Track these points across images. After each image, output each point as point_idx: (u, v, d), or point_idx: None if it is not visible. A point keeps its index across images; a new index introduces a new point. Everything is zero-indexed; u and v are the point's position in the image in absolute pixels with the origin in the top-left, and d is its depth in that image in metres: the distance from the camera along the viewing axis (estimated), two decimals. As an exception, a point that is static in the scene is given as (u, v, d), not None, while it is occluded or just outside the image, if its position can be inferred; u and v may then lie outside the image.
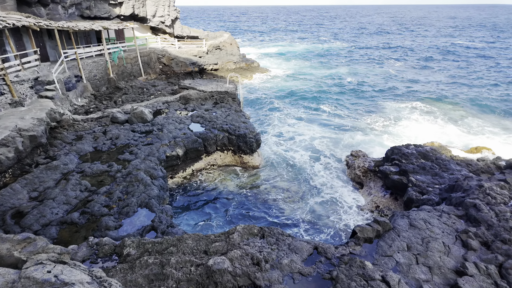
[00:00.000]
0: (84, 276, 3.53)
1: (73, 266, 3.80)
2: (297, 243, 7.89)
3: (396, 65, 54.43)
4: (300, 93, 37.03)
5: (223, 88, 26.26)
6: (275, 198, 16.48)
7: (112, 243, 7.80)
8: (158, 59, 33.79)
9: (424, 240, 8.39)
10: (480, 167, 16.84)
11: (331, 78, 44.55)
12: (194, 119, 20.53)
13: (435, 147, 19.03)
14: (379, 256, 7.96)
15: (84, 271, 3.73)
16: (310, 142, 23.56)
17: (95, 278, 3.68)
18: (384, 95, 36.44)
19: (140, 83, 27.94)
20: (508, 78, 43.17)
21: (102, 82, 25.56)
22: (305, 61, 57.07)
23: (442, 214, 9.55)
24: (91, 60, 24.95)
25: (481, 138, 24.85)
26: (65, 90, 20.32)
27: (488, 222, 8.81)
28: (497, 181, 10.95)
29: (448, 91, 37.18)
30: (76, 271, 3.55)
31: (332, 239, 13.39)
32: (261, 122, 27.65)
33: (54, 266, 3.59)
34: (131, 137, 17.61)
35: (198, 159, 18.47)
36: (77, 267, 3.81)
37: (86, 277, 3.53)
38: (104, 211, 11.83)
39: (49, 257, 3.92)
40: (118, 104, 22.85)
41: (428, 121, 28.39)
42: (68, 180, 13.40)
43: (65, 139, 16.70)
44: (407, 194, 14.93)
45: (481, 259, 7.81)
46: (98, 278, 3.74)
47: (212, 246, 7.31)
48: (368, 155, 21.26)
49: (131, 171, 14.31)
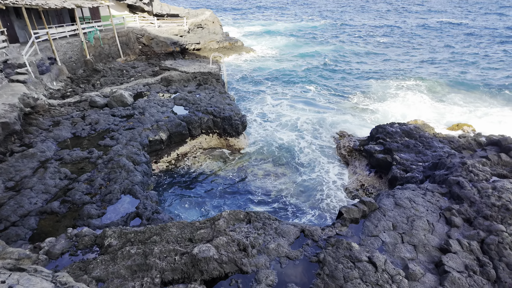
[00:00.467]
0: (45, 284, 3.23)
1: (33, 273, 3.49)
2: (284, 226, 7.82)
3: (382, 41, 54.21)
4: (285, 72, 36.50)
5: (206, 69, 25.51)
6: (262, 180, 16.40)
7: (92, 233, 7.53)
8: (137, 39, 32.38)
9: (409, 219, 8.47)
10: (462, 144, 17.15)
11: (316, 57, 44.00)
12: (177, 101, 19.92)
13: (419, 125, 19.21)
14: (365, 236, 8.00)
15: (46, 278, 3.44)
16: (295, 123, 23.40)
17: (59, 285, 3.39)
18: (369, 73, 36.34)
19: (119, 65, 26.80)
20: (490, 56, 43.70)
21: (79, 64, 24.35)
22: (290, 39, 56.00)
23: (427, 192, 9.65)
24: (65, 41, 23.60)
25: (462, 114, 25.26)
26: (38, 73, 19.24)
27: (471, 199, 8.95)
28: (479, 158, 11.11)
29: (432, 69, 37.40)
30: (35, 279, 3.26)
31: (318, 220, 13.49)
32: (246, 103, 27.20)
33: (10, 275, 3.26)
34: (112, 121, 16.97)
35: (183, 143, 18.06)
36: (38, 273, 3.51)
37: (48, 285, 3.24)
38: (86, 199, 11.47)
39: (4, 264, 3.59)
40: (96, 87, 21.90)
41: (413, 99, 28.56)
42: (46, 168, 12.86)
43: (41, 125, 15.94)
44: (392, 172, 15.10)
45: (464, 236, 7.96)
46: (63, 284, 3.46)
47: (197, 234, 7.14)
48: (354, 134, 21.33)
49: (113, 157, 13.84)
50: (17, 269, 3.60)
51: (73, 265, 6.53)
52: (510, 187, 9.05)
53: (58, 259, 7.01)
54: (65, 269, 6.44)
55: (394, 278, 6.50)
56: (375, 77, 35.03)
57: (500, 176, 10.10)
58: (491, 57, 42.29)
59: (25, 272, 3.45)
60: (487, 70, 36.84)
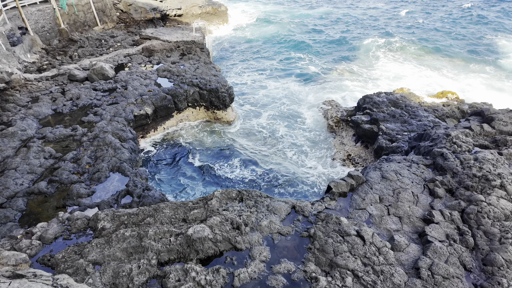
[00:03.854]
0: (47, 290, 3.24)
1: (33, 278, 3.47)
2: (275, 203, 8.01)
3: (374, 5, 52.81)
4: (270, 39, 35.51)
5: (190, 37, 24.51)
6: (252, 153, 16.48)
7: (85, 217, 7.51)
8: (114, 5, 30.43)
9: (395, 191, 8.79)
10: (446, 112, 17.53)
11: (304, 22, 42.72)
12: (161, 73, 19.25)
13: (405, 94, 19.39)
14: (353, 209, 8.30)
15: (46, 282, 3.42)
16: (282, 93, 23.19)
17: (61, 290, 3.41)
18: (359, 40, 35.73)
19: (97, 34, 25.36)
20: (476, 22, 43.46)
21: (53, 34, 22.88)
22: (277, 4, 53.79)
23: (412, 164, 9.95)
24: (35, 8, 21.92)
25: (446, 81, 25.55)
26: (10, 45, 18.03)
27: (453, 170, 9.31)
28: (462, 129, 11.41)
29: (419, 36, 37.06)
30: (36, 285, 3.23)
31: (309, 191, 13.84)
32: (231, 74, 26.57)
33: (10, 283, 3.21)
34: (94, 96, 16.37)
35: (169, 116, 17.73)
36: (37, 278, 3.48)
37: (49, 290, 3.25)
38: (73, 178, 11.31)
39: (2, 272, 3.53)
40: (74, 59, 20.81)
41: (400, 66, 28.55)
42: (29, 148, 12.48)
43: (18, 102, 15.24)
44: (378, 142, 15.41)
45: (446, 206, 8.37)
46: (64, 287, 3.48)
47: (191, 214, 7.24)
48: (341, 104, 21.39)
49: (98, 134, 13.52)
50: (16, 276, 3.56)
51: (68, 249, 6.56)
52: (490, 158, 9.42)
53: (52, 244, 7.02)
54: (60, 253, 6.48)
55: (381, 250, 6.87)
56: (365, 42, 34.46)
57: (482, 147, 10.46)
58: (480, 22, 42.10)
59: (25, 279, 3.42)
60: (472, 37, 36.79)
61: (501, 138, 10.57)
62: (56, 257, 6.37)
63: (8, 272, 3.68)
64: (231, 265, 6.58)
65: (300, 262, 6.77)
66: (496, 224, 7.54)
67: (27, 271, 3.79)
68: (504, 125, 11.25)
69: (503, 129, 11.18)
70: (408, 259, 6.95)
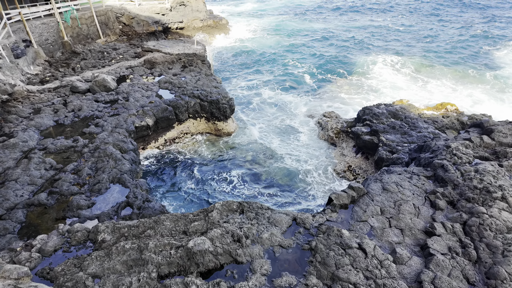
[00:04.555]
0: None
1: None
2: (276, 215, 7.98)
3: (375, 19, 53.62)
4: (270, 52, 35.93)
5: (191, 50, 24.83)
6: (252, 164, 16.48)
7: (85, 229, 7.48)
8: (117, 19, 30.93)
9: (396, 203, 8.77)
10: (445, 124, 17.60)
11: (303, 35, 43.30)
12: (162, 85, 19.44)
13: (405, 106, 19.51)
14: (355, 221, 8.26)
15: None
16: (282, 105, 23.34)
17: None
18: (358, 52, 36.16)
19: (100, 47, 25.69)
20: (475, 35, 44.06)
21: (56, 46, 23.19)
22: (276, 18, 54.63)
23: (413, 176, 9.95)
24: (39, 21, 22.31)
25: (445, 93, 25.72)
26: (14, 57, 18.27)
27: (454, 182, 9.30)
28: (462, 140, 11.44)
29: (418, 47, 37.52)
30: None
31: (308, 203, 13.79)
32: (230, 86, 26.79)
33: None
34: (95, 107, 16.49)
35: (170, 128, 17.81)
36: None
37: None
38: (74, 189, 11.29)
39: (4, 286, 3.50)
40: (76, 71, 21.04)
41: (398, 77, 28.80)
42: (30, 159, 12.50)
43: (20, 113, 15.34)
44: (378, 153, 15.43)
45: (448, 218, 8.33)
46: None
47: (191, 226, 7.20)
48: (340, 115, 21.51)
49: (99, 145, 13.56)
50: (19, 290, 3.55)
51: (67, 262, 6.51)
52: (491, 170, 9.42)
53: (52, 256, 6.97)
54: (60, 266, 6.43)
55: (383, 263, 6.81)
56: (363, 54, 34.89)
57: (482, 159, 10.47)
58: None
59: (27, 293, 3.41)
60: (472, 50, 37.24)
61: (501, 150, 10.60)
62: (55, 270, 6.32)
63: (10, 286, 3.65)
64: (232, 278, 6.52)
65: (301, 275, 6.71)
66: (498, 237, 7.50)
67: (28, 285, 3.76)
68: (503, 137, 11.28)
69: (503, 141, 11.21)
70: (411, 272, 6.89)
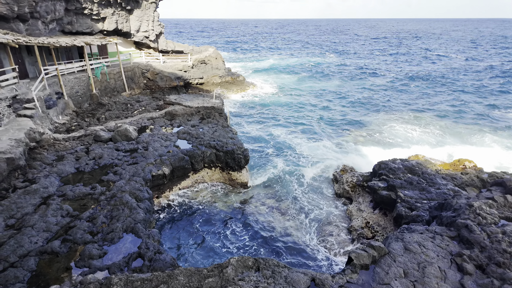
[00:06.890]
0: None
1: None
2: (294, 274, 7.62)
3: (384, 79, 55.69)
4: (286, 108, 37.20)
5: (210, 103, 26.02)
6: (266, 216, 16.17)
7: (98, 280, 7.30)
8: (142, 74, 33.28)
9: (420, 265, 8.29)
10: (465, 181, 17.13)
11: (319, 94, 44.96)
12: (180, 135, 20.12)
13: (420, 161, 19.29)
14: (377, 284, 7.78)
15: None
16: (296, 158, 23.50)
17: None
18: (371, 109, 37.05)
19: (124, 99, 27.33)
20: (491, 93, 44.87)
21: (84, 98, 24.83)
22: (293, 76, 57.27)
23: (435, 236, 9.51)
24: (72, 76, 24.26)
25: (462, 149, 25.46)
26: (46, 108, 19.57)
27: (481, 244, 8.81)
28: (485, 199, 11.05)
29: (435, 105, 38.20)
30: None
31: (327, 262, 13.16)
32: (246, 138, 27.44)
33: None
34: (115, 156, 17.02)
35: (185, 177, 18.02)
36: None
37: None
38: (87, 238, 11.24)
39: None
40: (101, 121, 22.18)
41: (413, 133, 28.95)
42: (48, 205, 12.71)
43: (45, 160, 15.95)
44: (397, 210, 14.95)
45: (478, 284, 7.75)
46: None
47: (205, 283, 6.93)
48: (356, 169, 21.36)
49: (116, 193, 13.75)
50: None
51: (76, 315, 6.28)
52: (519, 231, 8.95)
53: (61, 308, 6.75)
54: (68, 320, 6.19)
55: (410, 332, 6.26)
56: (375, 111, 35.68)
57: (508, 219, 10.00)
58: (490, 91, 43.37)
59: None
60: (487, 106, 37.63)
61: (527, 210, 10.15)
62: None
63: None
64: None
65: None
66: (536, 307, 6.86)
67: None
68: (529, 196, 10.87)
69: (529, 201, 10.78)
70: None
